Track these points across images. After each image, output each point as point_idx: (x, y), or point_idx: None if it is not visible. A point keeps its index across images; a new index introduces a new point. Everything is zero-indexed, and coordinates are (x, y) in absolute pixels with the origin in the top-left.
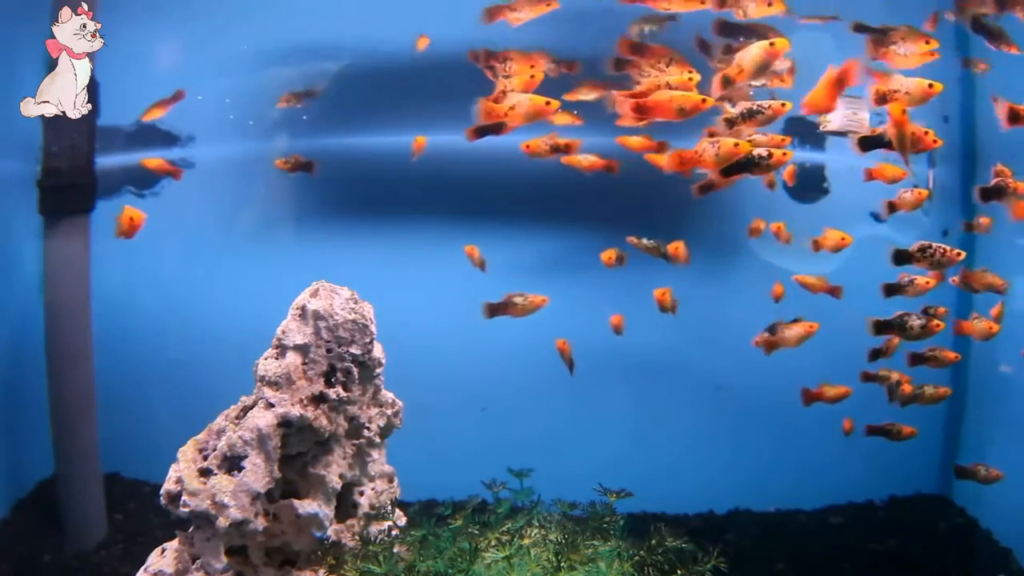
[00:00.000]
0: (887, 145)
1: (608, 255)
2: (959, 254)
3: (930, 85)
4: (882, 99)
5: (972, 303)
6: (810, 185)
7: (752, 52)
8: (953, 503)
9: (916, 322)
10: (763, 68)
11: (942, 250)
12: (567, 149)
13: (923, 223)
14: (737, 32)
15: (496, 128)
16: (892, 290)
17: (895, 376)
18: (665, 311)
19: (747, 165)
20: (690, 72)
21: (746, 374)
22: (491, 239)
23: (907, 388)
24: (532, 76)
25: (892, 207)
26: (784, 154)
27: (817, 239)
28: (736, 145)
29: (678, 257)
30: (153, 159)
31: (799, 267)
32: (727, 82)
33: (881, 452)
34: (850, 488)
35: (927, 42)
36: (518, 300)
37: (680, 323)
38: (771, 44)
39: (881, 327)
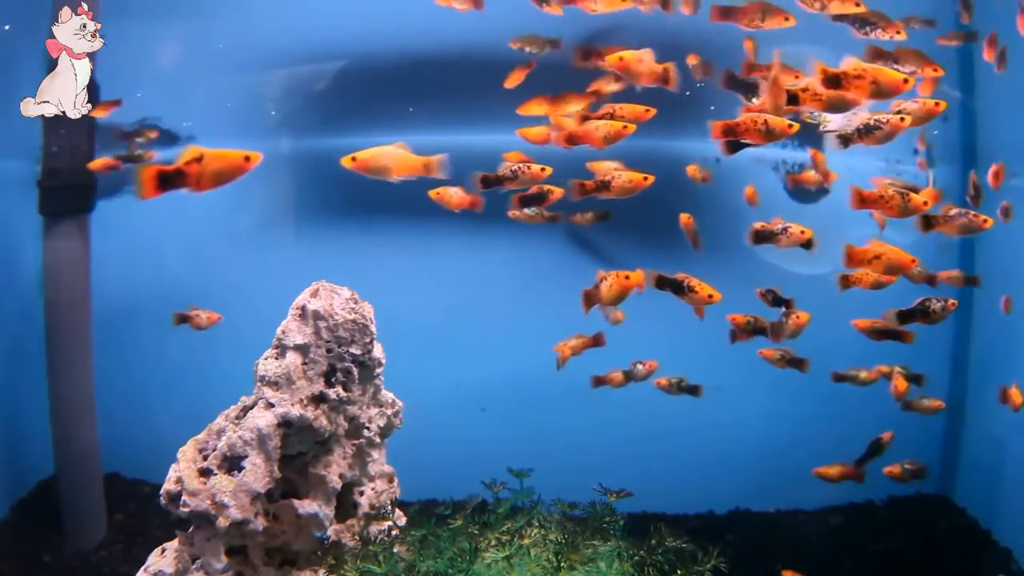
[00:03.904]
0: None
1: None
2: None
3: (936, 104)
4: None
5: (973, 296)
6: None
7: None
8: (953, 503)
9: (937, 305)
10: (842, 108)
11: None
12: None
13: None
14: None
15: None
16: (761, 237)
17: (864, 375)
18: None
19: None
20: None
21: (746, 374)
22: (492, 239)
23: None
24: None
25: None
26: (791, 126)
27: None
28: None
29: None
30: (97, 160)
31: (800, 267)
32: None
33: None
34: (850, 488)
35: (935, 69)
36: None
37: (680, 322)
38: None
39: (904, 316)
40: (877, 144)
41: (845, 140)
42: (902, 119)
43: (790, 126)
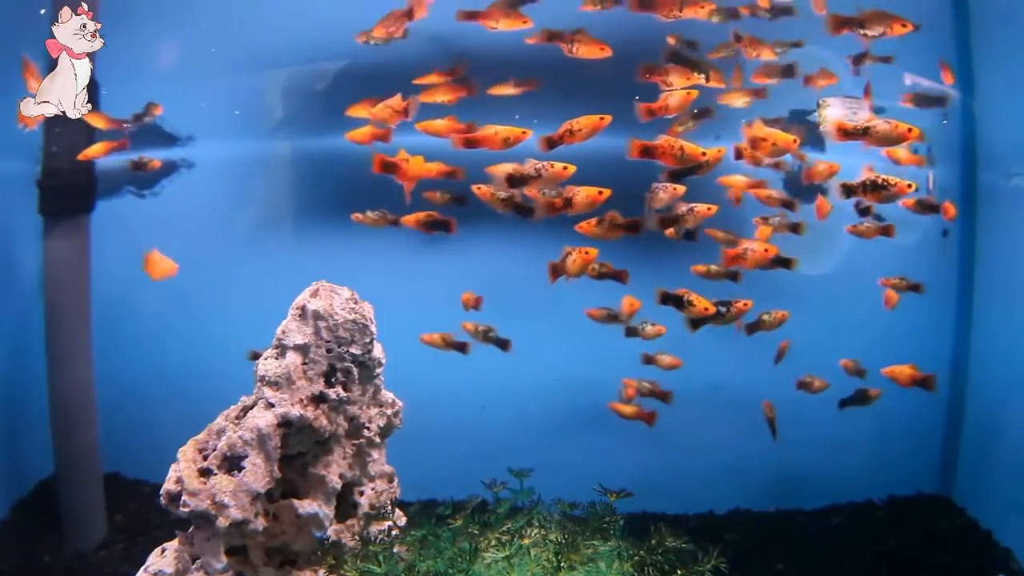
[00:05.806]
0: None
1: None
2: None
3: (909, 129)
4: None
5: (973, 279)
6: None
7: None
8: (953, 503)
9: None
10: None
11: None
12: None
13: (923, 223)
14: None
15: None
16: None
17: (818, 383)
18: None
19: (693, 168)
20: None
21: (745, 373)
22: (492, 240)
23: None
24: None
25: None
26: (719, 150)
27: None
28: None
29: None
30: (96, 146)
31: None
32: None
33: (881, 452)
34: (850, 488)
35: (903, 25)
36: (766, 317)
37: (679, 322)
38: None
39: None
40: (879, 203)
41: (848, 191)
42: (909, 185)
43: (703, 153)
